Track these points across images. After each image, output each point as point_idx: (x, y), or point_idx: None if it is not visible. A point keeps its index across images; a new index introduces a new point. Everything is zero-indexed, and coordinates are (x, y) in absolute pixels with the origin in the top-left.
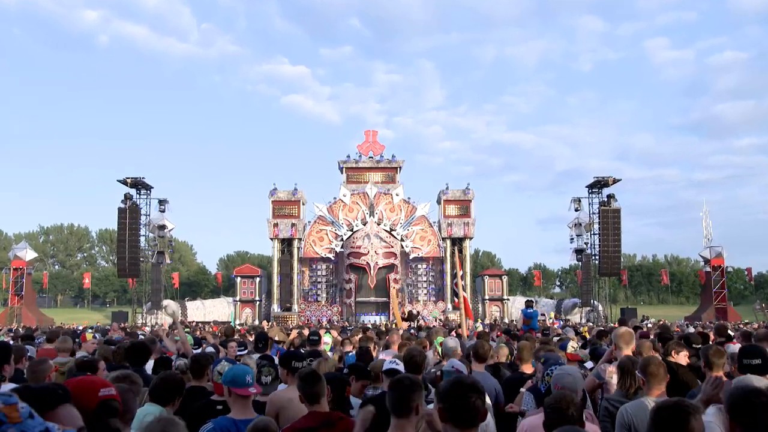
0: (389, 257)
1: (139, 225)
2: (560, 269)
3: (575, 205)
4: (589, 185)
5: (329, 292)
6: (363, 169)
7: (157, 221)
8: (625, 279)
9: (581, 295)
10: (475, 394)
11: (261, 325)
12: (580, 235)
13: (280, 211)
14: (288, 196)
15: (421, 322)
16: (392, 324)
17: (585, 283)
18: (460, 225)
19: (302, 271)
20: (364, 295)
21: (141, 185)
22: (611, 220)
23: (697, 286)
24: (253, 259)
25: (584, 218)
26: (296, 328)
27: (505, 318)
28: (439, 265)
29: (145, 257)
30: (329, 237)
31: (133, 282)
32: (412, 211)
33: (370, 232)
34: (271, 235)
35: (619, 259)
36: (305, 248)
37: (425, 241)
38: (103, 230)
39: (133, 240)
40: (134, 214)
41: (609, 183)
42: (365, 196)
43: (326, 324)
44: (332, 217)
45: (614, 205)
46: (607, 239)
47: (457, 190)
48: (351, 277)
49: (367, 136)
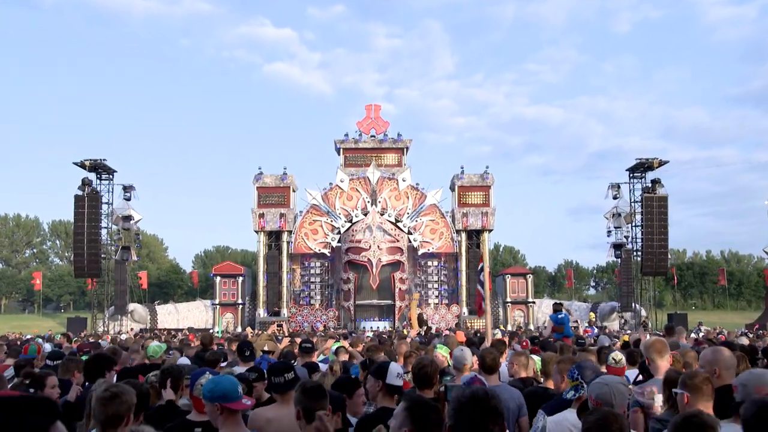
0: (394, 253)
1: (100, 216)
2: (595, 267)
3: (613, 191)
4: (630, 168)
5: (324, 293)
6: (364, 150)
7: (122, 211)
8: (674, 279)
9: (620, 298)
10: (494, 421)
11: (245, 333)
12: (619, 228)
13: (266, 199)
14: (276, 181)
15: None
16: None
17: (625, 283)
18: (477, 215)
19: (293, 269)
20: (364, 298)
21: (102, 169)
22: (657, 210)
23: (760, 288)
24: (235, 255)
25: (624, 207)
26: (288, 336)
27: (530, 324)
28: (452, 263)
29: (107, 253)
30: (324, 229)
31: (93, 283)
32: (421, 199)
33: (372, 223)
34: (256, 227)
35: (666, 255)
36: (296, 242)
37: (436, 234)
38: (57, 222)
39: (93, 233)
40: (94, 203)
41: (654, 166)
42: (366, 181)
43: (321, 331)
44: (328, 206)
45: (660, 191)
46: (652, 232)
47: (474, 175)
48: (350, 276)
49: (368, 111)
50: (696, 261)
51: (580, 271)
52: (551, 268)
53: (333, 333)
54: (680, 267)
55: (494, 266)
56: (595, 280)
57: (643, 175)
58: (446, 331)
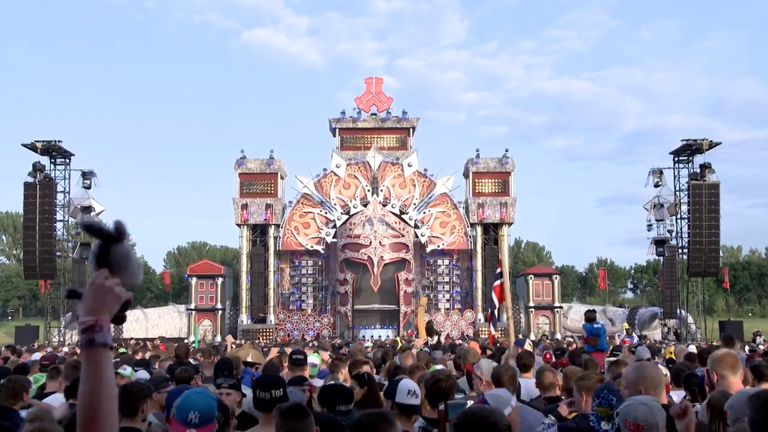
0: (399, 250)
1: (55, 206)
2: (633, 267)
3: (655, 178)
4: (674, 151)
5: (317, 297)
6: (363, 131)
7: (80, 201)
8: (727, 281)
9: (663, 303)
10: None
11: (224, 342)
12: (661, 221)
13: (250, 187)
14: (261, 166)
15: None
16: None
17: (668, 286)
18: (494, 206)
19: (281, 268)
20: (364, 301)
21: (56, 152)
22: (706, 200)
23: None
24: (214, 252)
25: (667, 197)
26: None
27: (557, 333)
28: (466, 261)
29: (63, 251)
30: (317, 223)
31: (47, 285)
32: (429, 188)
33: (373, 215)
34: (238, 220)
35: (717, 252)
36: (285, 238)
37: (447, 228)
38: (3, 214)
39: (46, 227)
40: (47, 192)
41: (703, 148)
42: (366, 166)
43: (313, 341)
44: (321, 195)
45: (711, 178)
46: (701, 225)
47: (492, 159)
48: (347, 276)
49: (368, 85)
50: (753, 260)
51: (615, 271)
52: (581, 267)
53: (327, 343)
54: (734, 267)
55: (515, 265)
56: (633, 281)
57: (690, 158)
58: (458, 340)
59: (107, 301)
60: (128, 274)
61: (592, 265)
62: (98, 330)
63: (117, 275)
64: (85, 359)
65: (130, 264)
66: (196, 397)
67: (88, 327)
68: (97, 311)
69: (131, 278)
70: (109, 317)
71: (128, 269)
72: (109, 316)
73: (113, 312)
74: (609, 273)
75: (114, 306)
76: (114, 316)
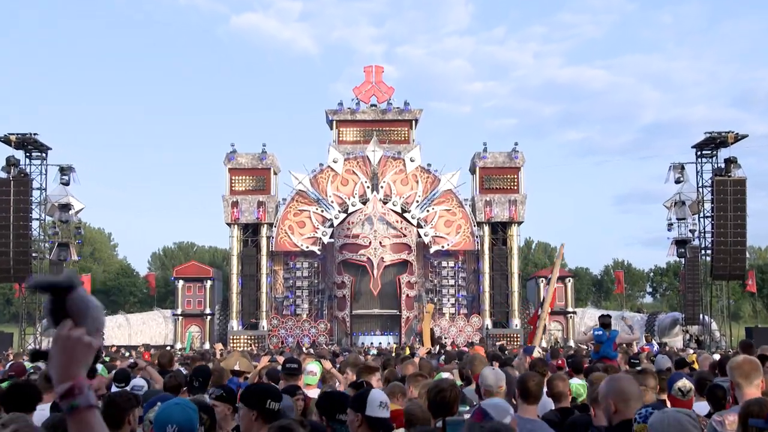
0: (400, 251)
1: (30, 204)
2: (652, 269)
3: (676, 174)
4: (696, 145)
5: (313, 301)
6: (362, 123)
7: (58, 198)
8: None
9: (684, 308)
10: None
11: (213, 349)
12: (683, 219)
13: (241, 183)
14: (253, 161)
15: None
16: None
17: (690, 290)
18: (503, 204)
19: (274, 270)
20: (363, 306)
21: (32, 145)
22: (732, 197)
23: None
24: (202, 254)
25: (690, 194)
26: (267, 354)
27: (570, 340)
28: (472, 263)
29: (39, 252)
30: (313, 221)
31: (22, 289)
32: (433, 184)
33: (373, 214)
34: (228, 218)
35: (743, 254)
36: (278, 238)
37: (453, 227)
38: None
39: (21, 226)
40: (22, 188)
41: (728, 141)
42: (365, 161)
43: (308, 348)
44: (317, 192)
45: (736, 173)
46: (726, 225)
47: (500, 154)
48: (345, 279)
49: (367, 74)
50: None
51: (633, 273)
52: (596, 269)
53: (324, 350)
54: (761, 269)
55: (525, 268)
56: (652, 284)
57: (714, 152)
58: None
59: (79, 355)
60: (90, 320)
61: (608, 267)
62: (78, 393)
63: (79, 325)
64: (71, 426)
65: (90, 309)
66: (175, 409)
67: (67, 392)
68: (72, 372)
69: (94, 324)
70: (85, 374)
71: (89, 315)
72: (85, 372)
73: (89, 365)
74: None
75: (88, 358)
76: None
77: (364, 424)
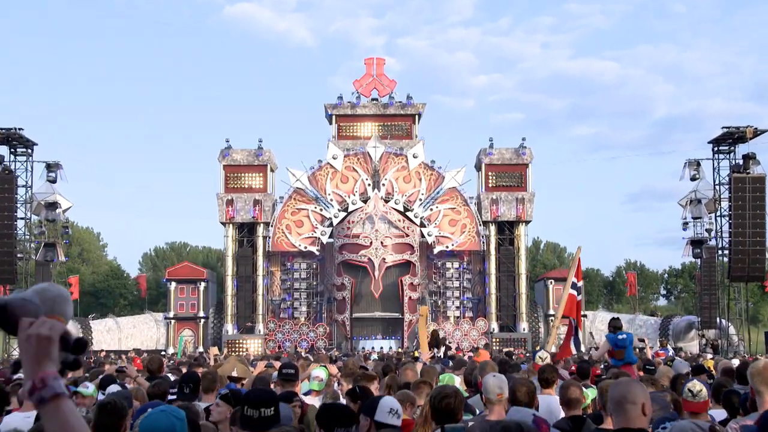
0: (403, 251)
1: (15, 203)
2: (666, 270)
3: (691, 171)
4: (713, 140)
5: (312, 304)
6: (363, 118)
7: (45, 196)
8: None
9: (701, 311)
10: None
11: (206, 353)
12: (699, 219)
13: (236, 181)
14: (248, 158)
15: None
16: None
17: (707, 292)
18: (510, 203)
19: (271, 272)
20: (364, 309)
21: (17, 141)
22: (750, 195)
23: None
24: (196, 254)
25: (706, 191)
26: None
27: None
28: (478, 264)
29: (24, 252)
30: (312, 221)
31: (6, 291)
32: (437, 182)
33: (374, 213)
34: (223, 217)
35: (762, 254)
36: (275, 238)
37: (457, 226)
38: None
39: (6, 226)
40: (7, 186)
41: (746, 136)
42: (366, 158)
43: (307, 352)
44: (316, 190)
45: (755, 170)
46: (744, 224)
47: (506, 150)
48: (345, 281)
49: (368, 66)
50: None
51: (646, 275)
52: (607, 271)
53: (323, 355)
54: None
55: (533, 269)
56: (666, 287)
57: (732, 148)
58: (469, 353)
59: (40, 351)
60: (42, 305)
61: (620, 268)
62: (41, 386)
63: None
64: (44, 418)
65: (31, 298)
66: (160, 416)
67: (32, 388)
68: (33, 370)
69: (47, 304)
70: (51, 367)
71: (32, 303)
72: (51, 366)
73: (54, 356)
74: (639, 277)
75: (50, 350)
76: (67, 361)
77: (373, 429)
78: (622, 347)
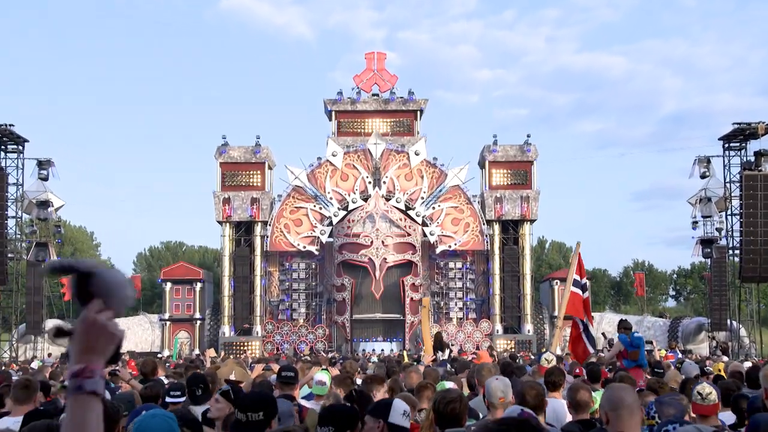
0: (404, 251)
1: (6, 201)
2: (675, 271)
3: (701, 168)
4: (724, 137)
5: (311, 305)
6: (363, 114)
7: (36, 195)
8: None
9: (711, 313)
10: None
11: (203, 355)
12: (709, 217)
13: (233, 178)
14: (246, 155)
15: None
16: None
17: (717, 292)
18: (515, 201)
19: (269, 272)
20: (365, 310)
21: (7, 138)
22: (762, 193)
23: None
24: (192, 254)
25: (716, 189)
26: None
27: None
28: (481, 263)
29: (16, 251)
30: (311, 219)
31: None
32: (439, 180)
33: (375, 211)
34: (220, 216)
35: None
36: (273, 237)
37: (460, 225)
38: None
39: None
40: None
41: (758, 132)
42: (367, 155)
43: (306, 354)
44: (315, 188)
45: (767, 168)
46: (755, 223)
47: (510, 147)
48: (345, 281)
49: (368, 61)
50: None
51: (655, 275)
52: (614, 271)
53: (323, 357)
54: None
55: (538, 269)
56: (676, 287)
57: (743, 145)
58: (472, 355)
59: (100, 342)
60: (117, 300)
61: (628, 268)
62: (89, 376)
63: (108, 306)
64: (70, 406)
65: (118, 290)
66: (152, 421)
67: (78, 372)
68: (89, 355)
69: (121, 304)
70: (102, 362)
71: (116, 296)
72: (102, 361)
73: (108, 355)
74: (647, 278)
75: (108, 348)
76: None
77: (385, 431)
78: (637, 347)
